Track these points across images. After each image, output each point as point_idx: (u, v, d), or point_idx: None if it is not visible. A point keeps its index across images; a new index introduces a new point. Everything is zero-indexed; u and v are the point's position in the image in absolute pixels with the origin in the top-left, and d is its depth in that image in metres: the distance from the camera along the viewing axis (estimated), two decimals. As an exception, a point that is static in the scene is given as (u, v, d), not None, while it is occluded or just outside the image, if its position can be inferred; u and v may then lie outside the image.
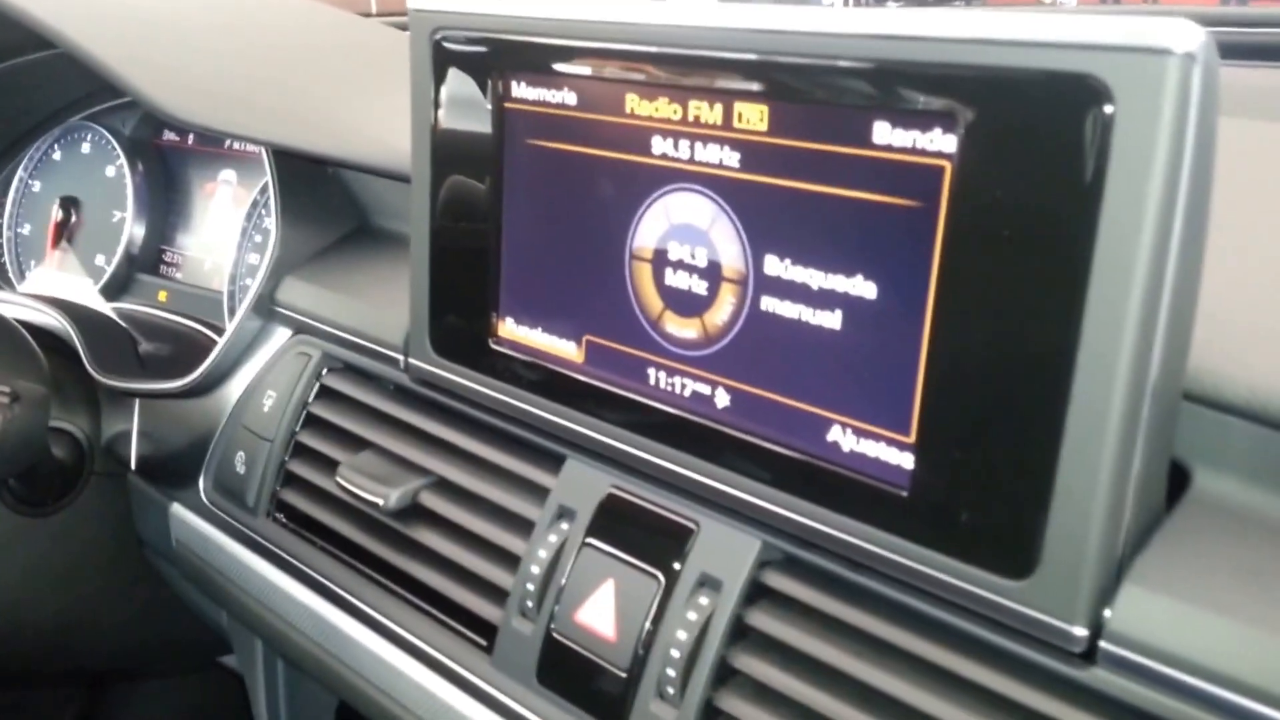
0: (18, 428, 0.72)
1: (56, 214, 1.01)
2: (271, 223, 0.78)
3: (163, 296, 0.95)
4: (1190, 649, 0.36)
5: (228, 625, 0.82)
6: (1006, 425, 0.39)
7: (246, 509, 0.73)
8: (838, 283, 0.44)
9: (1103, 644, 0.38)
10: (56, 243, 1.02)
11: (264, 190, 0.87)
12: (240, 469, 0.74)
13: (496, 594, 0.58)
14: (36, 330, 0.82)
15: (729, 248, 0.47)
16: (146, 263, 0.97)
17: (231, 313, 0.87)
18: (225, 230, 0.93)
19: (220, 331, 0.79)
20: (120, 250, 0.97)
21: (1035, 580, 0.39)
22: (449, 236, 0.59)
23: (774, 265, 0.46)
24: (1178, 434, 0.41)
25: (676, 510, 0.52)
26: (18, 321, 0.81)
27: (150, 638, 1.02)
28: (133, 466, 0.86)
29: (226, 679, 1.10)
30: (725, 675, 0.48)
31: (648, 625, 0.50)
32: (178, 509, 0.80)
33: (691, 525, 0.51)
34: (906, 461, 0.42)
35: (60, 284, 1.01)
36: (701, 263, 0.49)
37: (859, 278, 0.43)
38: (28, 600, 0.90)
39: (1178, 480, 0.43)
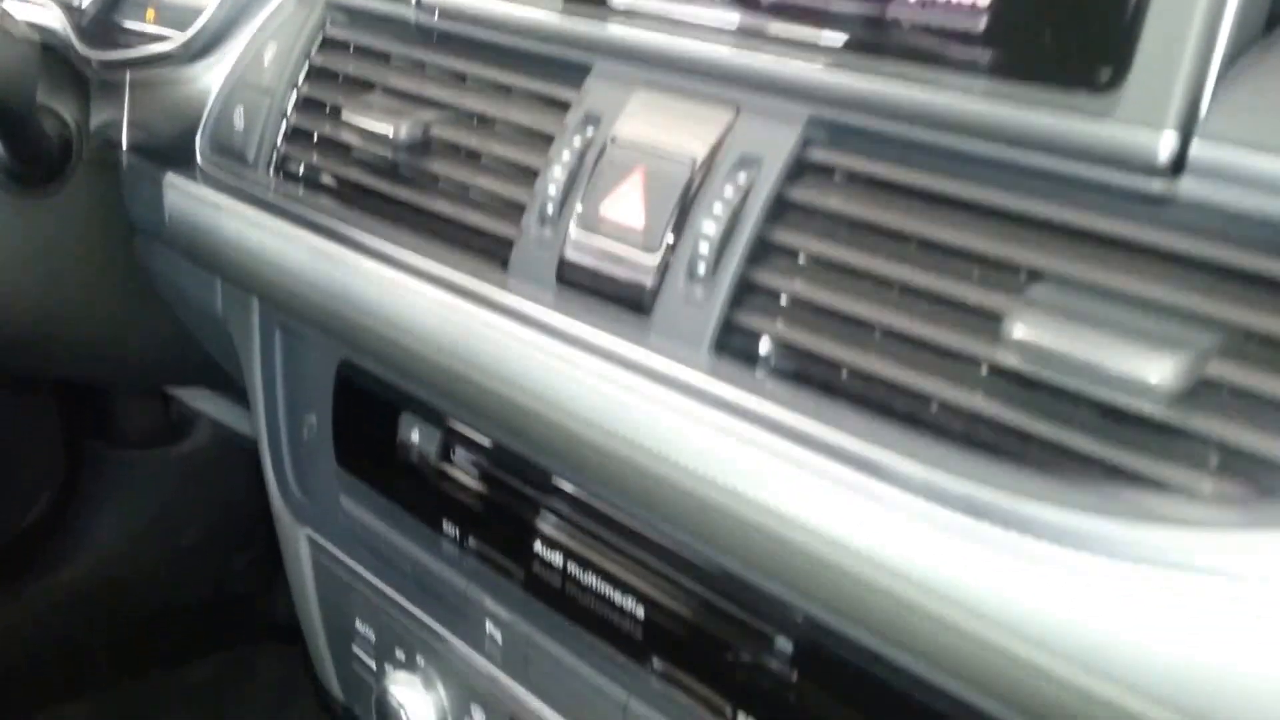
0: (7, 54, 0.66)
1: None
2: None
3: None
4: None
5: (222, 301, 0.78)
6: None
7: (246, 166, 0.68)
8: None
9: (1193, 151, 0.34)
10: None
11: None
12: (239, 126, 0.69)
13: (513, 211, 0.54)
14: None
15: None
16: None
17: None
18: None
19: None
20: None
21: (1125, 90, 0.35)
22: None
23: None
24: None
25: (714, 95, 0.47)
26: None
27: (134, 348, 0.98)
28: (124, 146, 0.80)
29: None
30: (763, 252, 0.44)
31: (679, 208, 0.46)
32: (172, 178, 0.74)
33: (730, 108, 0.46)
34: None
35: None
36: None
37: None
38: (12, 289, 0.85)
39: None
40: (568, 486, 0.54)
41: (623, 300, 0.47)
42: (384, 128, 0.58)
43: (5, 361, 0.95)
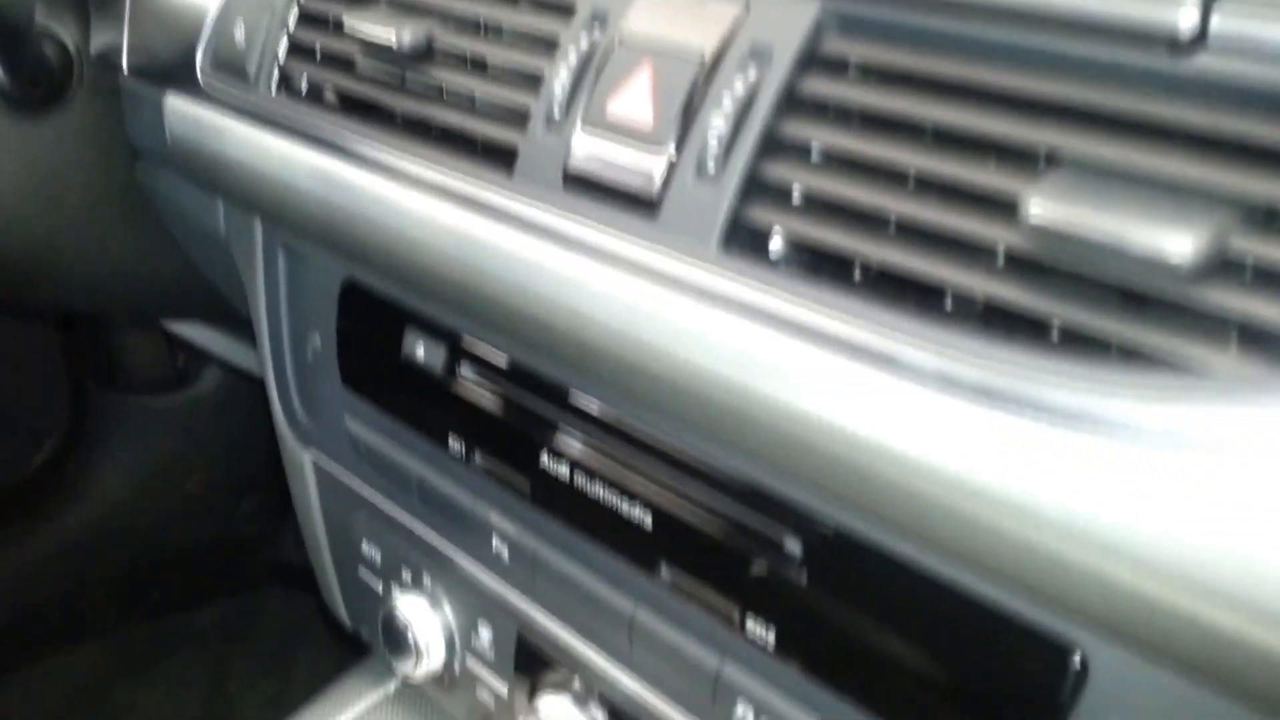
0: None
1: None
2: None
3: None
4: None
5: (224, 223, 0.77)
6: None
7: (247, 83, 0.67)
8: None
9: (1214, 24, 0.33)
10: None
11: None
12: (239, 42, 0.68)
13: (518, 118, 0.53)
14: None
15: None
16: None
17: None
18: None
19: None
20: None
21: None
22: None
23: None
24: None
25: (722, -10, 0.46)
26: None
27: (136, 278, 0.97)
28: (125, 69, 0.79)
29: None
30: (773, 146, 0.44)
31: (687, 104, 0.45)
32: (172, 99, 0.73)
33: (739, 1, 0.45)
34: None
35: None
36: None
37: None
38: (12, 214, 0.84)
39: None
40: (575, 396, 0.54)
41: (630, 201, 0.47)
42: (386, 35, 0.57)
43: (6, 291, 0.94)
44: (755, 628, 0.48)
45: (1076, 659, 0.38)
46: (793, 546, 0.46)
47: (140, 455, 1.74)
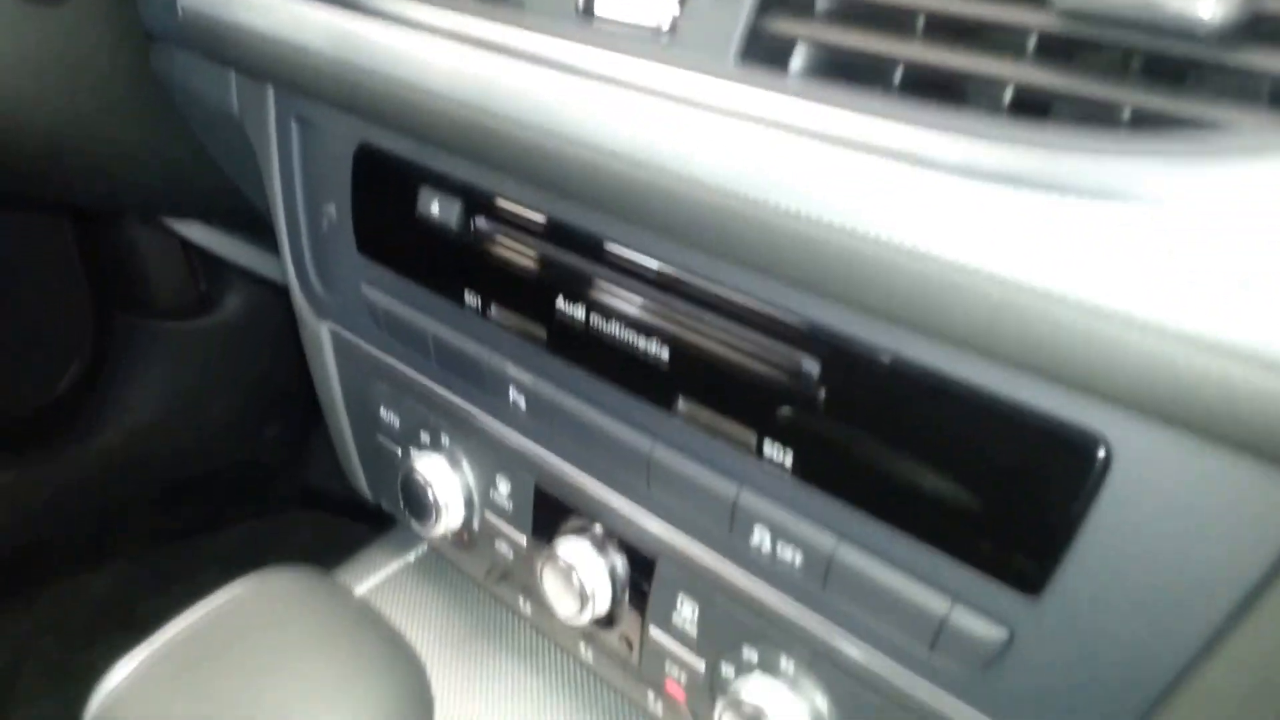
0: None
1: None
2: None
3: None
4: None
5: (237, 99, 0.76)
6: None
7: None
8: None
9: None
10: None
11: None
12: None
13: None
14: None
15: None
16: None
17: None
18: None
19: None
20: None
21: None
22: None
23: None
24: None
25: None
26: None
27: (149, 169, 0.96)
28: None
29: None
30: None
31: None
32: (182, -29, 0.72)
33: None
34: None
35: None
36: None
37: None
38: (28, 100, 0.84)
39: None
40: (590, 237, 0.53)
41: (644, 25, 0.46)
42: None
43: (20, 180, 0.94)
44: (772, 451, 0.48)
45: (1101, 450, 0.37)
46: (810, 365, 0.45)
47: (166, 380, 1.76)
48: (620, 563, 0.60)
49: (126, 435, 1.73)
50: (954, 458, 0.42)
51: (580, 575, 0.60)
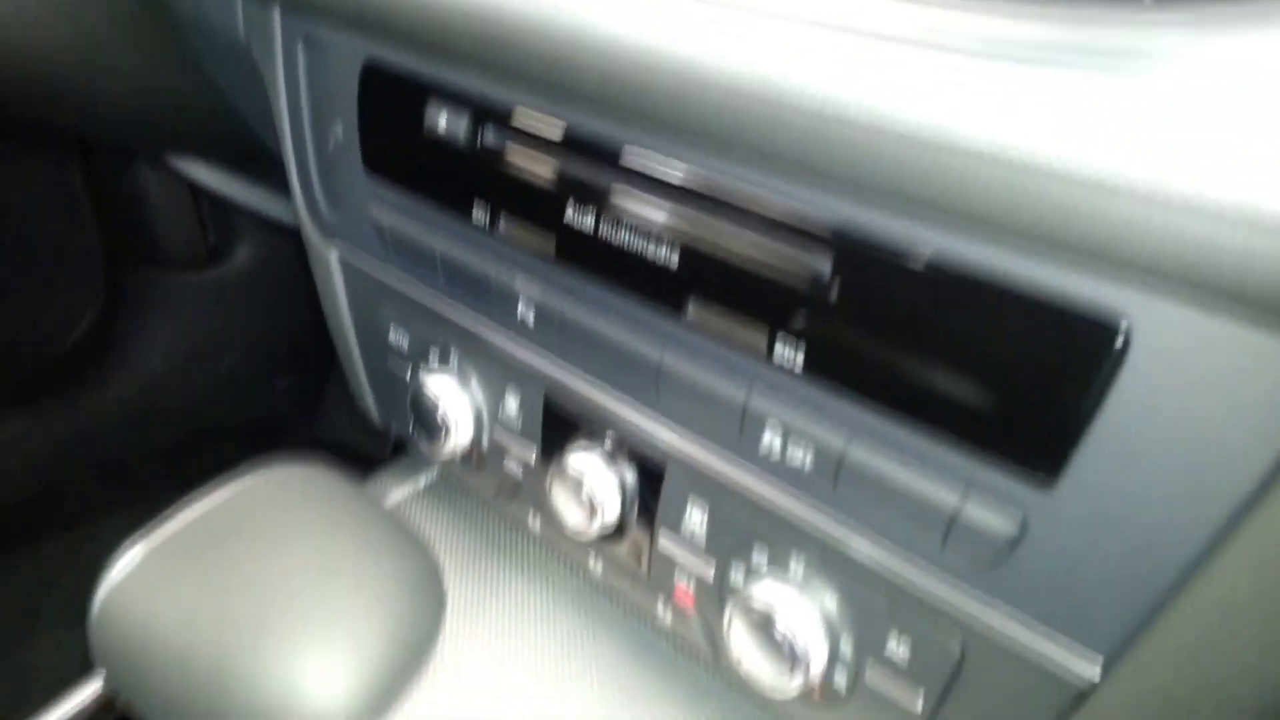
0: None
1: None
2: None
3: None
4: None
5: (243, 22, 0.75)
6: None
7: None
8: None
9: None
10: None
11: None
12: None
13: None
14: None
15: None
16: None
17: None
18: None
19: None
20: None
21: None
22: None
23: None
24: None
25: None
26: None
27: (154, 101, 0.95)
28: None
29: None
30: None
31: None
32: (186, -111, 0.71)
33: None
34: None
35: None
36: None
37: None
38: (34, 30, 0.83)
39: None
40: (600, 143, 0.52)
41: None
42: None
43: (26, 109, 0.93)
44: (783, 351, 0.47)
45: (1121, 328, 0.37)
46: (823, 260, 0.44)
47: (177, 331, 1.76)
48: (629, 472, 0.59)
49: (140, 386, 1.73)
50: (971, 346, 0.41)
51: (589, 486, 0.59)
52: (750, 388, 0.50)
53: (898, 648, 0.50)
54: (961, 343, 0.41)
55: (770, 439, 0.50)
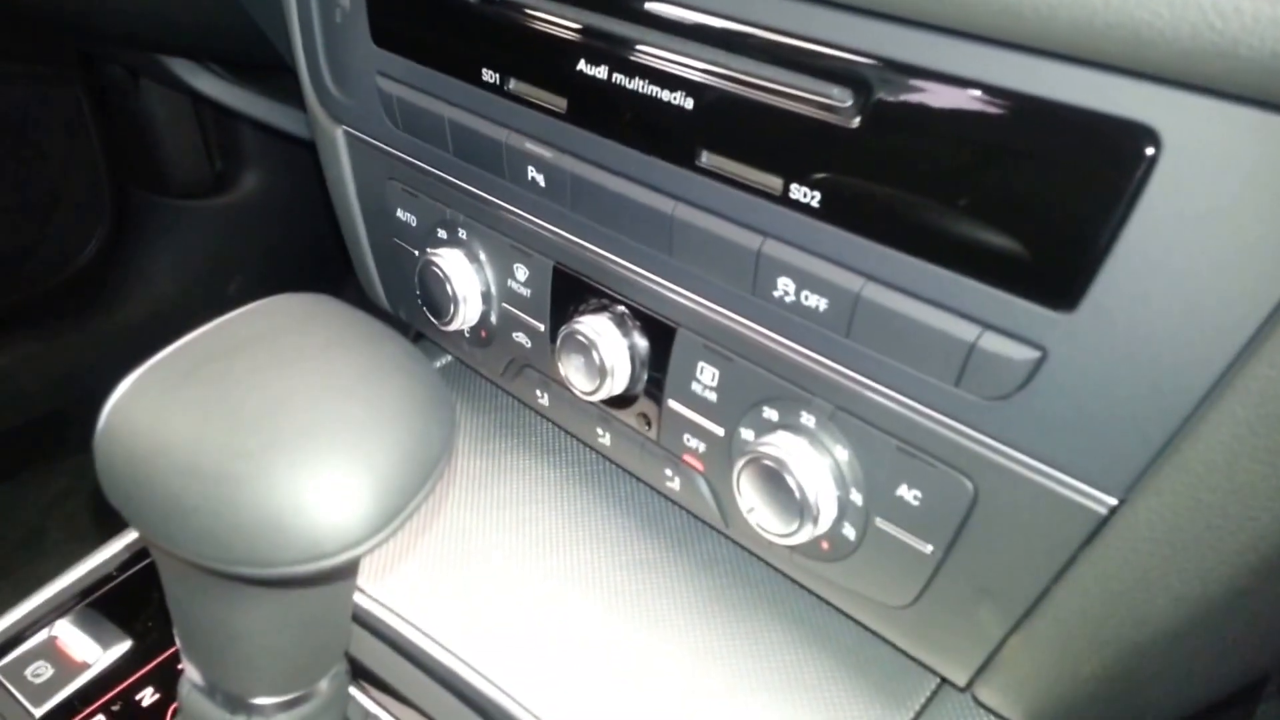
0: None
1: None
2: None
3: None
4: None
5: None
6: None
7: None
8: None
9: None
10: None
11: None
12: None
13: None
14: None
15: None
16: None
17: None
18: None
19: None
20: None
21: None
22: None
23: None
24: None
25: None
26: None
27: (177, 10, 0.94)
28: None
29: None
30: None
31: None
32: None
33: None
34: None
35: None
36: None
37: None
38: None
39: None
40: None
41: None
42: None
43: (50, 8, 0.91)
44: (799, 194, 0.45)
45: (1150, 141, 0.35)
46: (843, 93, 0.43)
47: (185, 255, 1.74)
48: (639, 337, 0.58)
49: (148, 309, 1.72)
50: (994, 172, 0.39)
51: (599, 350, 0.58)
52: (764, 237, 0.48)
53: (909, 492, 0.49)
54: (987, 169, 0.40)
55: (784, 288, 0.48)
